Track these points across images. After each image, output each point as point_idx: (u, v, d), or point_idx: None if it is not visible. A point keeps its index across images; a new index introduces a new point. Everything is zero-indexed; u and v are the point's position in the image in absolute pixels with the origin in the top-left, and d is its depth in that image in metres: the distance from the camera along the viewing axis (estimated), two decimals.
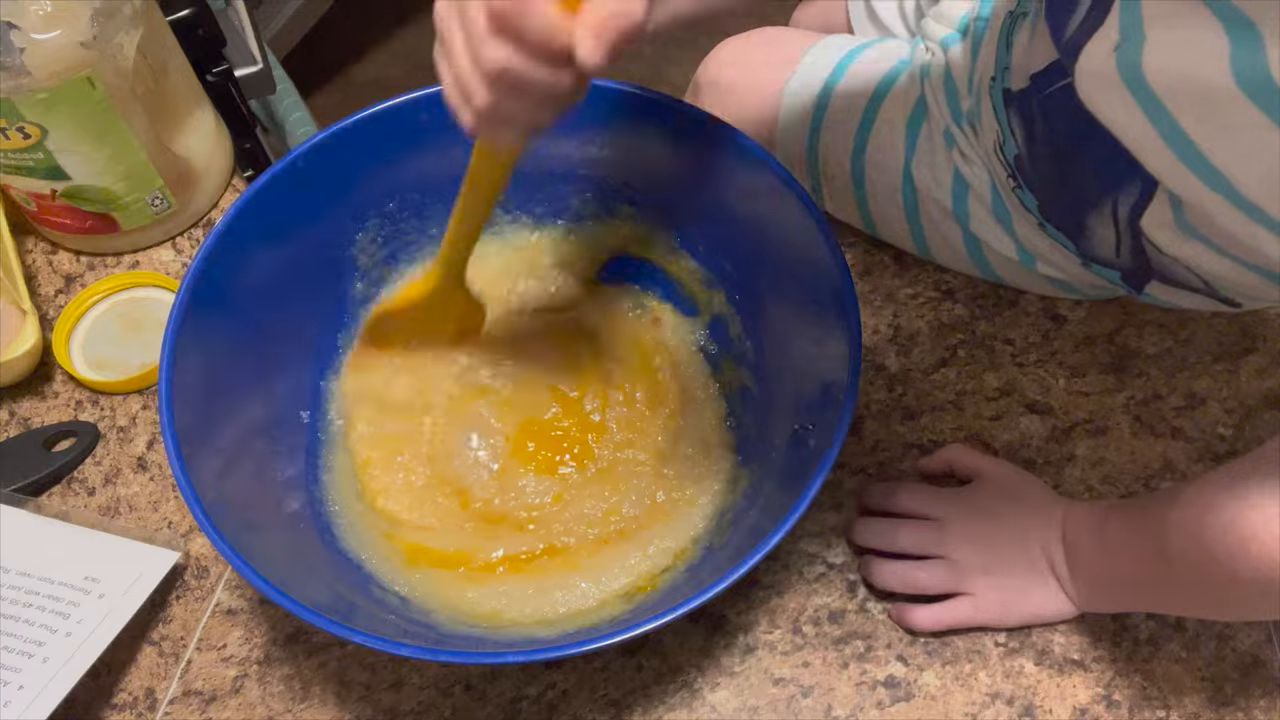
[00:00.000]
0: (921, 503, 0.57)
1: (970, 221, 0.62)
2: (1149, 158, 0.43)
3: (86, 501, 0.62)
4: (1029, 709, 0.54)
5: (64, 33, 0.57)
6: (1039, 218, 0.57)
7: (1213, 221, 0.43)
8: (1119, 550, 0.52)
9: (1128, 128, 0.42)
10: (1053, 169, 0.53)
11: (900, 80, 0.64)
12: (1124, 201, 0.49)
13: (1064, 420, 0.62)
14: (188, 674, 0.57)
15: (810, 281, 0.53)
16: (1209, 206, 0.42)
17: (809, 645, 0.56)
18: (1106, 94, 0.42)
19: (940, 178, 0.62)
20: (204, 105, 0.72)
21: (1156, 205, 0.47)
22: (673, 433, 0.59)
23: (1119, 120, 0.43)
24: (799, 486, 0.46)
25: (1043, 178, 0.55)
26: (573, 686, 0.55)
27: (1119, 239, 0.51)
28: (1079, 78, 0.44)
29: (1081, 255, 0.56)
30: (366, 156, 0.56)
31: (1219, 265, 0.48)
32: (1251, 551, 0.43)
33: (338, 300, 0.60)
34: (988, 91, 0.56)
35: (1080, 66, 0.44)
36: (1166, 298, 0.56)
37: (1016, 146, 0.55)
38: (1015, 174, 0.57)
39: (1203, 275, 0.50)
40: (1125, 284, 0.56)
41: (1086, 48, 0.43)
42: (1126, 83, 0.41)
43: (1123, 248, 0.52)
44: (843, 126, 0.65)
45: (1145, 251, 0.51)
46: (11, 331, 0.64)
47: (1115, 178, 0.48)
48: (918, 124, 0.63)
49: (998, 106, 0.55)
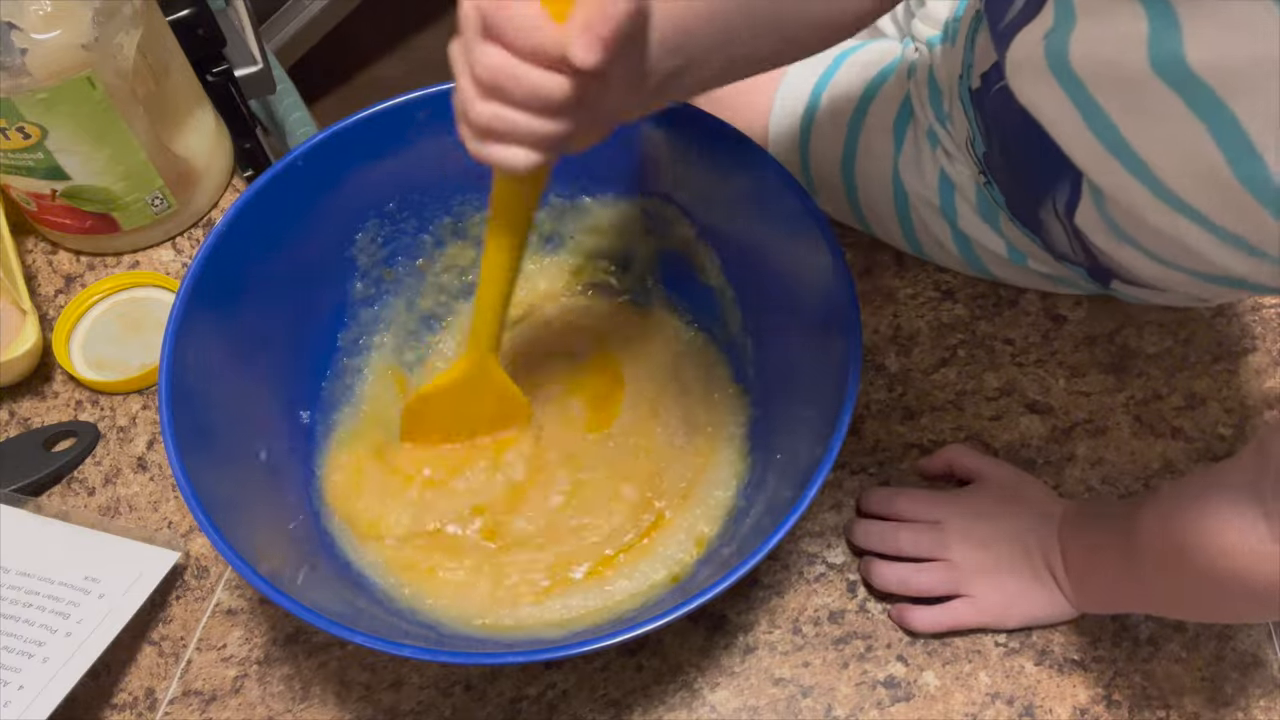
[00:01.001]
0: (921, 506, 0.57)
1: (959, 220, 0.62)
2: (1076, 148, 0.42)
3: (86, 501, 0.62)
4: (1029, 709, 0.54)
5: (64, 33, 0.57)
6: (1008, 214, 0.57)
7: (1140, 218, 0.42)
8: (1107, 555, 0.52)
9: (1056, 117, 0.42)
10: (1005, 166, 0.54)
11: (888, 82, 0.65)
12: (1060, 199, 0.48)
13: (1064, 420, 0.62)
14: (188, 674, 0.57)
15: (811, 281, 0.53)
16: (1134, 199, 0.41)
17: (809, 645, 0.56)
18: (1035, 82, 0.42)
19: (927, 178, 0.62)
20: (204, 105, 0.72)
21: (1085, 203, 0.47)
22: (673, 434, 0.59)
23: (1047, 110, 0.42)
24: (799, 486, 0.46)
25: (1002, 174, 0.55)
26: (573, 686, 0.55)
27: (1068, 236, 0.51)
28: (1009, 67, 0.44)
29: (1048, 251, 0.56)
30: (366, 156, 0.56)
31: (1153, 270, 0.47)
32: (1229, 564, 0.42)
33: (338, 300, 0.60)
34: (956, 90, 0.57)
35: (1011, 56, 0.43)
36: (1133, 295, 0.56)
37: (984, 144, 0.55)
38: (985, 170, 0.57)
39: (1144, 279, 0.50)
40: (1092, 280, 0.56)
41: (1018, 36, 0.42)
42: (1053, 69, 0.40)
43: (1074, 245, 0.52)
44: (833, 130, 0.65)
45: (1091, 250, 0.50)
46: (11, 331, 0.64)
47: (1051, 174, 0.47)
48: (904, 125, 0.63)
49: (965, 104, 0.56)
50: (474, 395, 0.56)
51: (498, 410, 0.58)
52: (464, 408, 0.57)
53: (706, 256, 0.60)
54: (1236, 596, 0.44)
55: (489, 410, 0.58)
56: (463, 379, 0.55)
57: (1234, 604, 0.46)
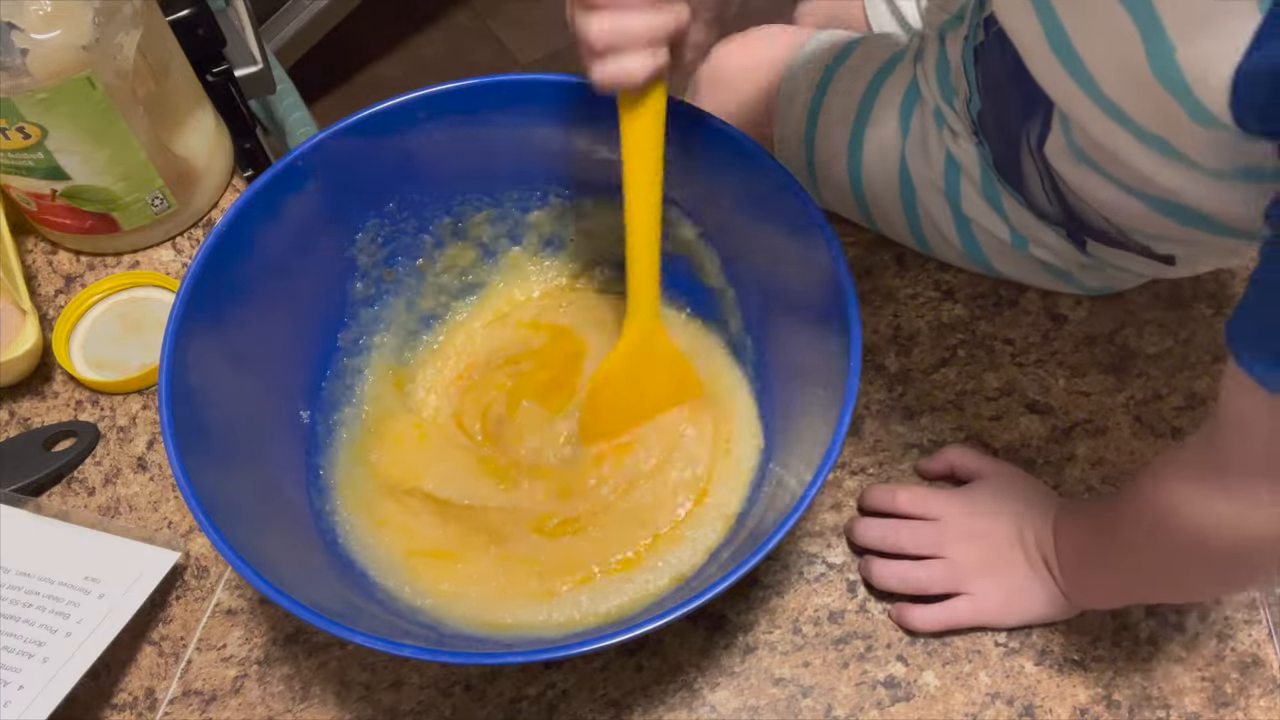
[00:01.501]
0: (921, 503, 0.57)
1: (962, 202, 0.62)
2: (1040, 69, 0.45)
3: (86, 501, 0.62)
4: (1029, 709, 0.54)
5: (64, 33, 0.57)
6: (995, 174, 0.59)
7: (1091, 137, 0.45)
8: (1092, 545, 0.52)
9: (1027, 40, 0.45)
10: (994, 113, 0.55)
11: (895, 70, 0.65)
12: (1032, 133, 0.50)
13: (1064, 420, 0.62)
14: (188, 674, 0.57)
15: (811, 281, 0.53)
16: (1081, 113, 0.43)
17: (809, 645, 0.56)
18: (1011, 4, 0.45)
19: (934, 160, 0.62)
20: (204, 105, 0.72)
21: (1054, 133, 0.49)
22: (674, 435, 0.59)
23: (1022, 34, 0.45)
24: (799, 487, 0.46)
25: (990, 127, 0.56)
26: (573, 686, 0.55)
27: (1042, 180, 0.53)
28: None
29: (1030, 208, 0.58)
30: (366, 156, 0.56)
31: (1107, 193, 0.49)
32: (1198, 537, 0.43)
33: (338, 300, 0.60)
34: (961, 51, 0.58)
35: None
36: (1106, 258, 0.58)
37: (979, 101, 0.56)
38: (978, 130, 0.58)
39: (1104, 213, 0.51)
40: (1071, 241, 0.58)
41: None
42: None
43: (1047, 189, 0.53)
44: (839, 120, 0.66)
45: (1060, 191, 0.52)
46: (11, 331, 0.64)
47: (1026, 107, 0.49)
48: (910, 108, 0.63)
49: (967, 63, 0.57)
50: (648, 369, 0.54)
51: (671, 384, 0.55)
52: (639, 385, 0.55)
53: (707, 257, 0.60)
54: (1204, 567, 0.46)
55: (662, 385, 0.55)
56: (633, 352, 0.53)
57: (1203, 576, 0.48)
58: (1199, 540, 0.44)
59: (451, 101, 0.55)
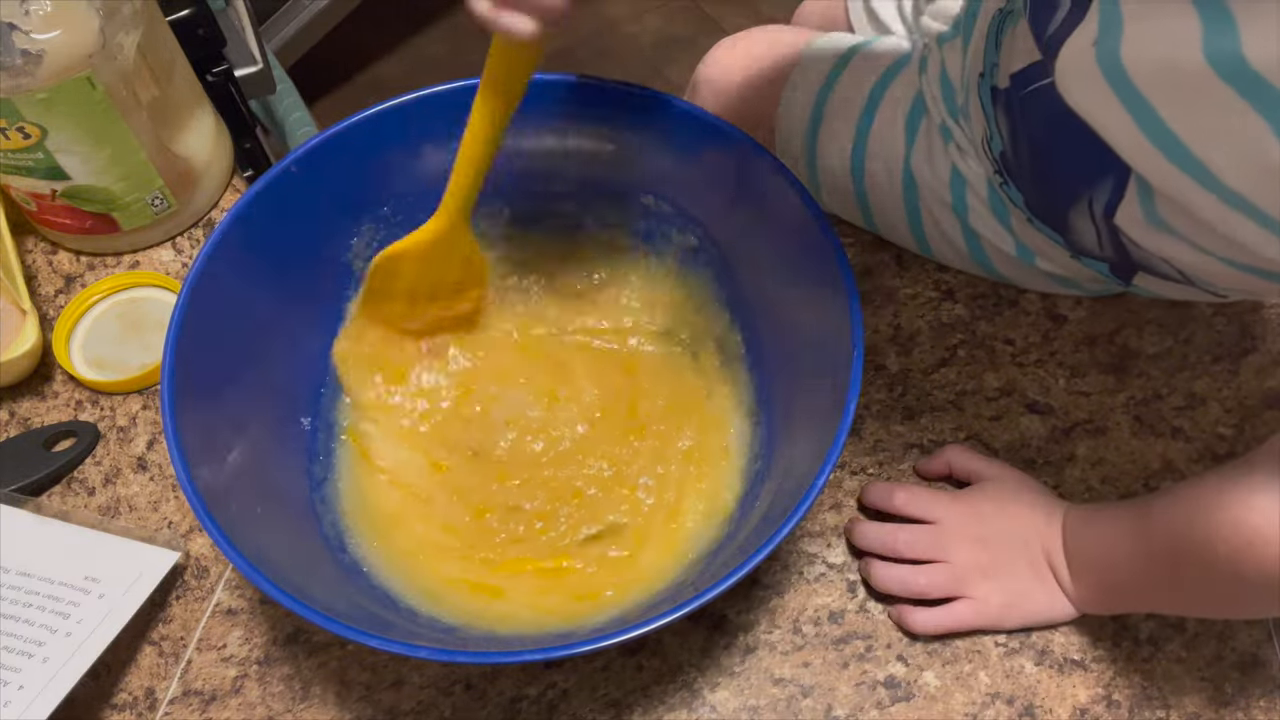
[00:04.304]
0: (920, 505, 0.57)
1: (969, 216, 0.62)
2: (1129, 152, 0.43)
3: (86, 501, 0.62)
4: (1029, 709, 0.54)
5: (64, 33, 0.57)
6: (1027, 213, 0.57)
7: (1192, 214, 0.43)
8: (1118, 553, 0.52)
9: (1108, 122, 0.42)
10: (1033, 166, 0.54)
11: (900, 77, 0.65)
12: (1098, 199, 0.49)
13: (1064, 420, 0.62)
14: (188, 674, 0.57)
15: (811, 281, 0.53)
16: (1190, 198, 0.42)
17: (809, 645, 0.56)
18: (1087, 89, 0.43)
19: (939, 173, 0.62)
20: (204, 105, 0.72)
21: (1128, 201, 0.47)
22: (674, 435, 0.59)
23: (1099, 115, 0.43)
24: (799, 487, 0.46)
25: (1025, 175, 0.55)
26: (573, 686, 0.55)
27: (1099, 234, 0.52)
28: (1060, 75, 0.44)
29: (1070, 248, 0.57)
30: (366, 157, 0.56)
31: (1193, 258, 0.48)
32: (1255, 554, 0.43)
33: (337, 301, 0.60)
34: (975, 88, 0.57)
35: (1061, 63, 0.44)
36: (1154, 289, 0.56)
37: (1002, 143, 0.55)
38: (1001, 170, 0.57)
39: (1179, 268, 0.50)
40: (1114, 275, 0.56)
41: (1067, 43, 0.43)
42: (1106, 75, 0.41)
43: (1104, 241, 0.52)
44: (843, 125, 0.66)
45: (1124, 245, 0.51)
46: (11, 331, 0.64)
47: (1089, 175, 0.48)
48: (917, 119, 0.63)
49: (985, 103, 0.56)
50: (444, 256, 0.57)
51: (463, 275, 0.59)
52: (432, 270, 0.57)
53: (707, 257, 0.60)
54: (1258, 585, 0.45)
55: (454, 274, 0.59)
56: (435, 238, 0.55)
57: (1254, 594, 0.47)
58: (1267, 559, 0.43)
59: (452, 101, 0.55)
